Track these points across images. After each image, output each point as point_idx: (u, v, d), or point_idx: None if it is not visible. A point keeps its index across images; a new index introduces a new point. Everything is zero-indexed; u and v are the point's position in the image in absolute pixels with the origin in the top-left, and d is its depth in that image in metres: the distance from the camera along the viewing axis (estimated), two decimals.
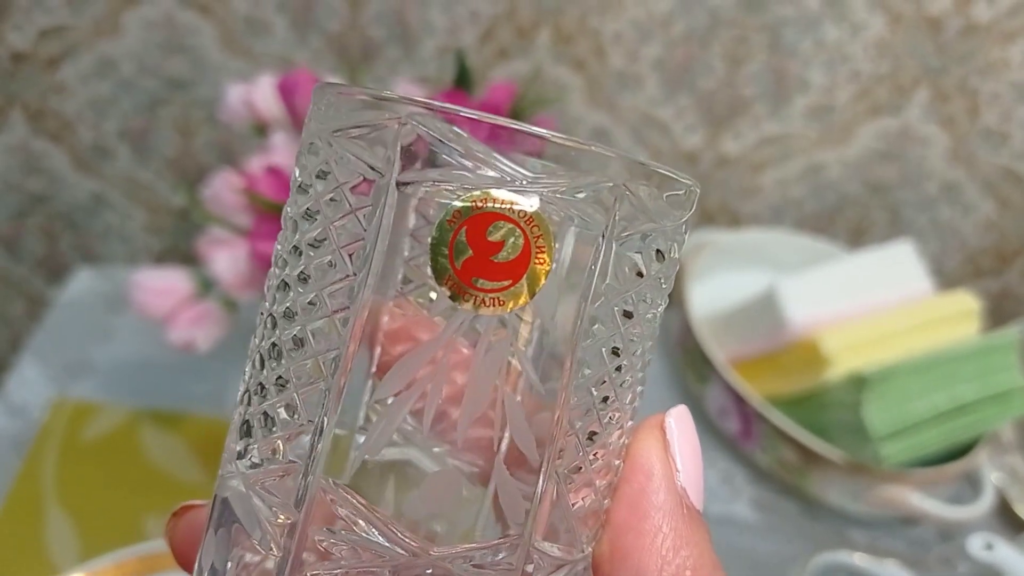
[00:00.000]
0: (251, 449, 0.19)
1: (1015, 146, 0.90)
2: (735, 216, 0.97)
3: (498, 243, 0.16)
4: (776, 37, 0.83)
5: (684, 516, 0.19)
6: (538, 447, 0.17)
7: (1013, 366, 0.75)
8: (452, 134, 0.16)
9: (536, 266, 0.16)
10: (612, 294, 0.16)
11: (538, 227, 0.16)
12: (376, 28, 0.84)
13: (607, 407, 0.17)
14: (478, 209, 0.16)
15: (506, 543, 0.17)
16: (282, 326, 0.18)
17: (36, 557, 0.67)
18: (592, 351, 0.17)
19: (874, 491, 0.72)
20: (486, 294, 0.16)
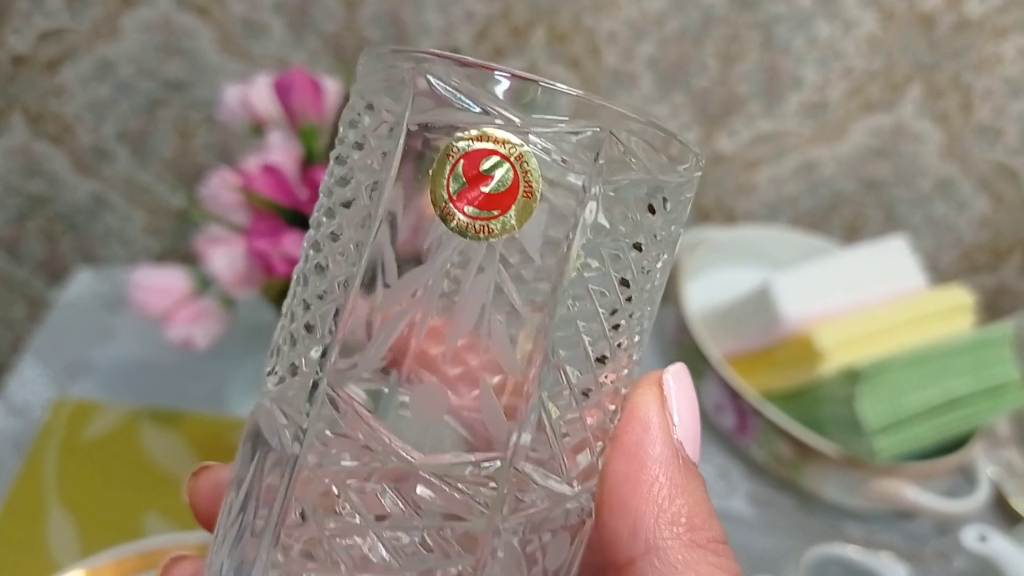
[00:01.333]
0: (277, 368, 0.21)
1: (1009, 142, 0.90)
2: (730, 213, 0.97)
3: (489, 176, 0.17)
4: (769, 35, 0.84)
5: (680, 467, 0.19)
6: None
7: (1007, 360, 0.75)
8: (459, 81, 0.18)
9: (524, 199, 0.17)
10: (600, 233, 0.18)
11: (527, 163, 0.17)
12: (372, 29, 0.85)
13: (594, 345, 0.18)
14: (474, 144, 0.17)
15: (493, 458, 0.18)
16: (310, 257, 0.20)
17: (37, 554, 0.67)
18: (579, 286, 0.18)
19: (869, 485, 0.73)
20: (476, 221, 0.17)
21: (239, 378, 0.82)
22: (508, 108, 0.17)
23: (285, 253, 0.61)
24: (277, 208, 0.63)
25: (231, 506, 0.21)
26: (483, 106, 0.17)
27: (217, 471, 0.24)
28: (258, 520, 0.19)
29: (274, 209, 0.63)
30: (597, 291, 0.18)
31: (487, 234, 0.17)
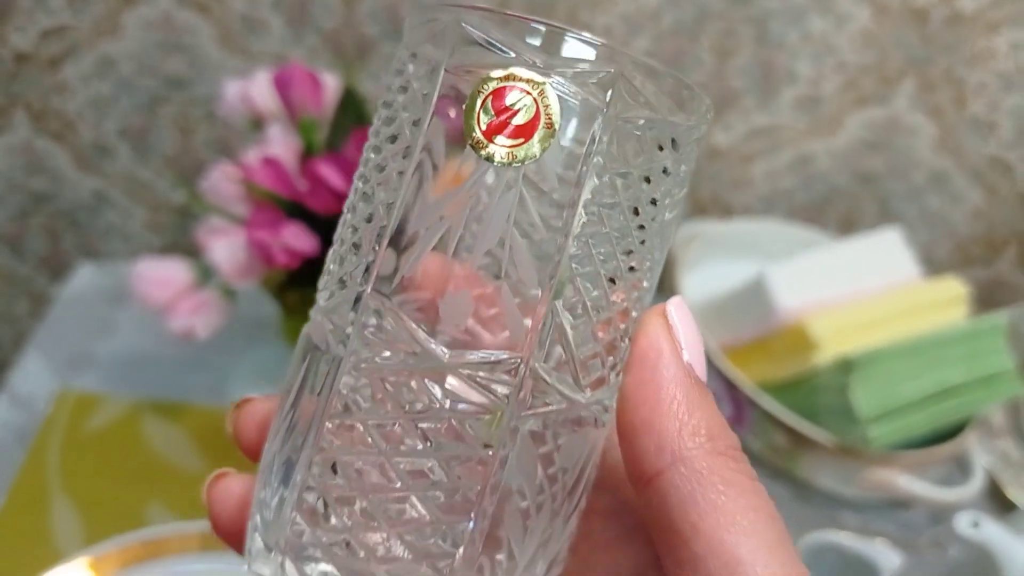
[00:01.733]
0: (326, 287, 0.23)
1: (1003, 135, 0.91)
2: (727, 207, 0.98)
3: (514, 110, 0.20)
4: (763, 30, 0.85)
5: (693, 385, 0.21)
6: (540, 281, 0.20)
7: (1001, 350, 0.76)
8: (493, 29, 0.20)
9: (544, 130, 0.19)
10: (612, 163, 0.20)
11: (547, 99, 0.19)
12: (370, 25, 0.86)
13: (605, 265, 0.20)
14: (502, 82, 0.20)
15: (511, 357, 0.20)
16: (359, 188, 0.23)
17: (42, 543, 0.68)
18: (592, 209, 0.20)
19: (863, 473, 0.74)
20: (503, 148, 0.20)
21: (240, 370, 0.83)
22: (535, 52, 0.20)
23: (285, 244, 0.62)
24: (277, 200, 0.64)
25: (283, 407, 0.23)
26: (513, 50, 0.20)
27: (258, 404, 0.27)
28: (306, 412, 0.22)
29: (274, 201, 0.64)
30: (609, 215, 0.20)
31: (512, 160, 0.19)
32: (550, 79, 0.20)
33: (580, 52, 0.20)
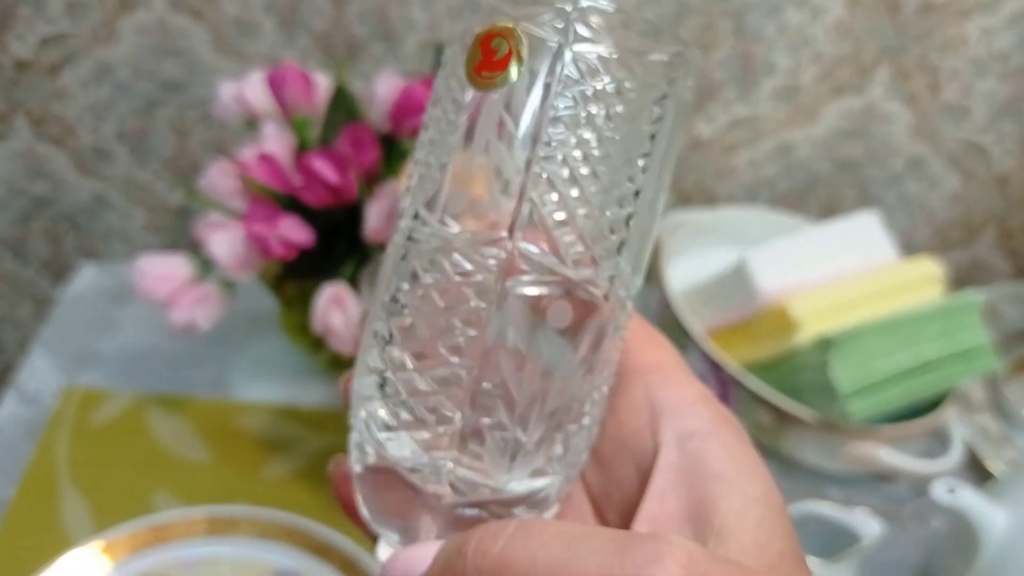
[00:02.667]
0: (408, 209, 0.26)
1: (976, 120, 0.94)
2: (711, 196, 1.01)
3: (493, 48, 0.24)
4: (741, 23, 0.87)
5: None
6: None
7: (976, 326, 0.78)
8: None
9: (516, 63, 0.24)
10: (571, 84, 0.24)
11: (519, 40, 0.24)
12: (360, 26, 0.89)
13: (573, 166, 0.24)
14: (488, 32, 0.24)
15: (499, 233, 0.24)
16: (423, 136, 0.27)
17: (53, 533, 0.70)
18: (560, 118, 0.24)
19: (845, 447, 0.76)
20: (487, 79, 0.24)
21: (241, 364, 0.85)
22: (514, 9, 0.24)
23: (282, 236, 0.64)
24: (273, 194, 0.66)
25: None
26: (500, 10, 0.24)
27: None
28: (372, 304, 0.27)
29: (270, 195, 0.66)
30: (574, 121, 0.24)
31: (492, 85, 0.24)
32: (519, 25, 0.23)
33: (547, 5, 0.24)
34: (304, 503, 0.73)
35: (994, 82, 0.91)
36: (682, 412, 0.26)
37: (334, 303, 0.65)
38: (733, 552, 0.23)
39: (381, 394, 0.25)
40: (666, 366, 0.28)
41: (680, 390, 0.27)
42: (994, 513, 0.66)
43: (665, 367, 0.28)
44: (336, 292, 0.65)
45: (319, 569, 0.68)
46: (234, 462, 0.77)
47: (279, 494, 0.74)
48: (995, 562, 0.66)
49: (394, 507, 0.26)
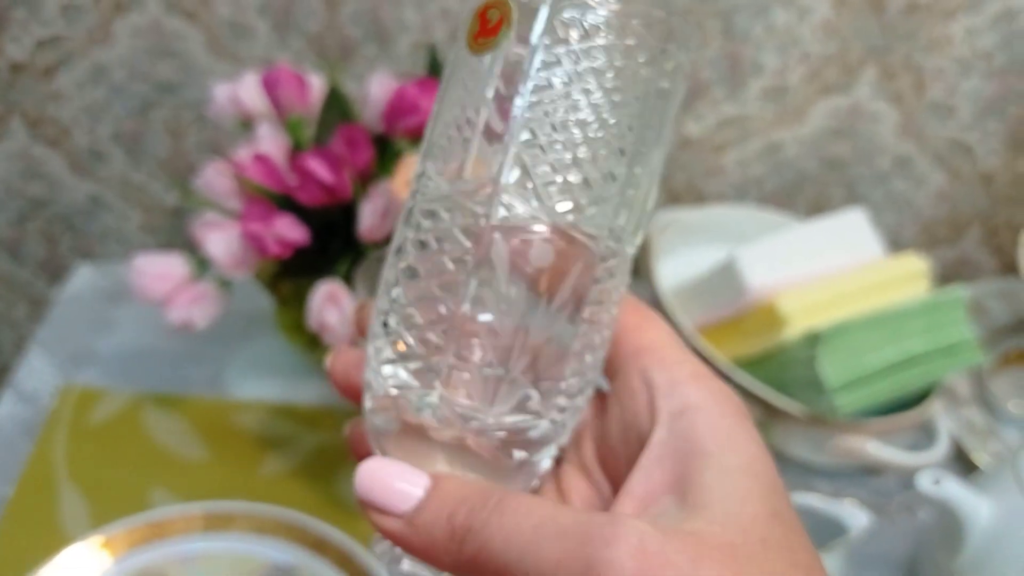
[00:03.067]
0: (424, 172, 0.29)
1: (962, 118, 0.95)
2: (700, 195, 1.02)
3: (488, 19, 0.26)
4: (729, 23, 0.89)
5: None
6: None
7: (961, 321, 0.79)
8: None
9: (505, 29, 0.26)
10: (557, 43, 0.26)
11: (509, 10, 0.26)
12: (353, 27, 0.90)
13: (555, 122, 0.26)
14: (483, 4, 0.27)
15: (481, 184, 0.26)
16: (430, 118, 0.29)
17: (51, 530, 0.71)
18: (542, 77, 0.26)
19: (833, 441, 0.77)
20: (482, 44, 0.26)
21: (237, 363, 0.86)
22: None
23: (277, 234, 0.65)
24: (268, 194, 0.67)
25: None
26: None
27: (347, 351, 0.32)
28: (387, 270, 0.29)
29: (266, 195, 0.67)
30: (556, 78, 0.26)
31: (487, 48, 0.26)
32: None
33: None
34: (301, 499, 0.74)
35: (979, 81, 0.92)
36: (674, 391, 0.28)
37: (329, 300, 0.66)
38: (704, 524, 0.25)
39: (384, 331, 0.27)
40: (660, 347, 0.29)
41: (673, 370, 0.29)
42: (979, 504, 0.67)
43: (659, 348, 0.29)
44: (331, 289, 0.66)
45: (315, 564, 0.69)
46: (231, 460, 0.78)
47: (276, 491, 0.75)
48: (980, 552, 0.68)
49: (404, 452, 0.28)
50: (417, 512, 0.26)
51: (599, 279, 0.27)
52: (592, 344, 0.28)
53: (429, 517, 0.26)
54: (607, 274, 0.27)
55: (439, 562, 0.26)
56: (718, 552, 0.24)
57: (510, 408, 0.27)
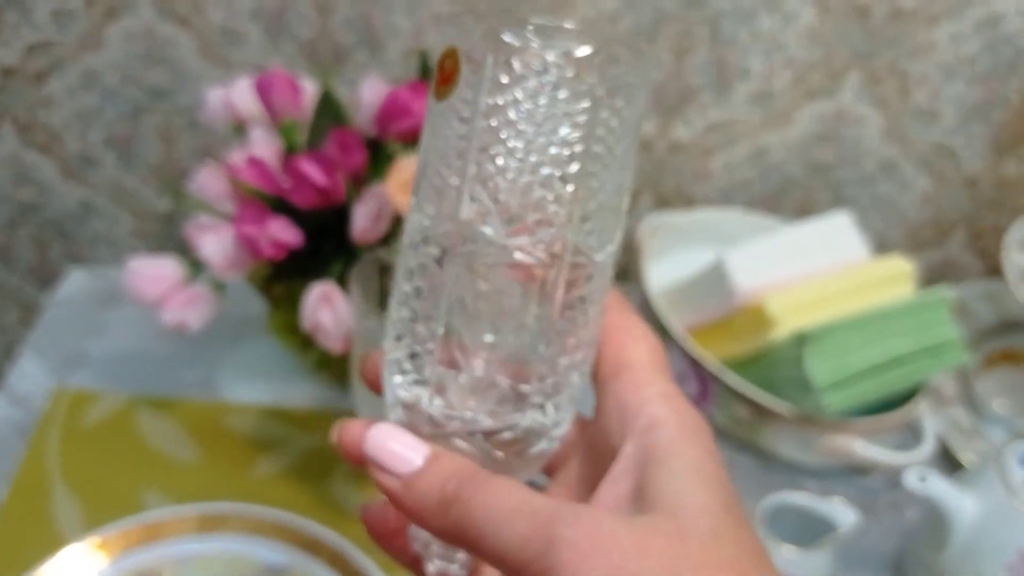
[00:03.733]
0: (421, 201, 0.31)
1: (945, 123, 0.96)
2: (689, 199, 1.03)
3: (444, 67, 0.29)
4: (716, 29, 0.90)
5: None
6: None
7: (945, 321, 0.81)
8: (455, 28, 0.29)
9: (457, 76, 0.28)
10: (499, 88, 0.28)
11: (456, 58, 0.28)
12: (345, 34, 0.90)
13: (519, 141, 0.28)
14: (442, 54, 0.29)
15: (448, 216, 0.29)
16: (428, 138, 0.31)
17: (45, 532, 0.72)
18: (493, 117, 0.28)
19: (821, 440, 0.78)
20: (442, 91, 0.29)
21: (229, 365, 0.86)
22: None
23: (271, 236, 0.66)
24: (262, 196, 0.68)
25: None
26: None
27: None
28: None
29: (259, 197, 0.68)
30: (497, 121, 0.28)
31: (445, 96, 0.28)
32: (459, 47, 0.28)
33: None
34: (293, 501, 0.75)
35: (962, 86, 0.94)
36: (642, 411, 0.30)
37: (323, 301, 0.67)
38: (656, 516, 0.28)
39: (390, 346, 0.31)
40: (637, 368, 0.32)
41: (642, 391, 0.31)
42: (964, 501, 0.68)
43: (636, 369, 0.32)
44: (325, 290, 0.67)
45: (308, 564, 0.69)
46: (224, 462, 0.78)
47: (268, 493, 0.75)
48: (965, 548, 0.69)
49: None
50: (415, 476, 0.30)
51: (565, 290, 0.29)
52: (565, 348, 0.30)
53: (424, 483, 0.30)
54: (575, 285, 0.29)
55: (426, 523, 0.30)
56: (666, 537, 0.27)
57: (486, 411, 0.30)
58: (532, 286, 0.29)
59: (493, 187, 0.28)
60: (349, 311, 0.67)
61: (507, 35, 0.27)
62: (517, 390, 0.30)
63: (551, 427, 0.31)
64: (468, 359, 0.30)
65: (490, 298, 0.29)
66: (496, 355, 0.30)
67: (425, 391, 0.30)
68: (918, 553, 0.74)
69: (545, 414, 0.31)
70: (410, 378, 0.30)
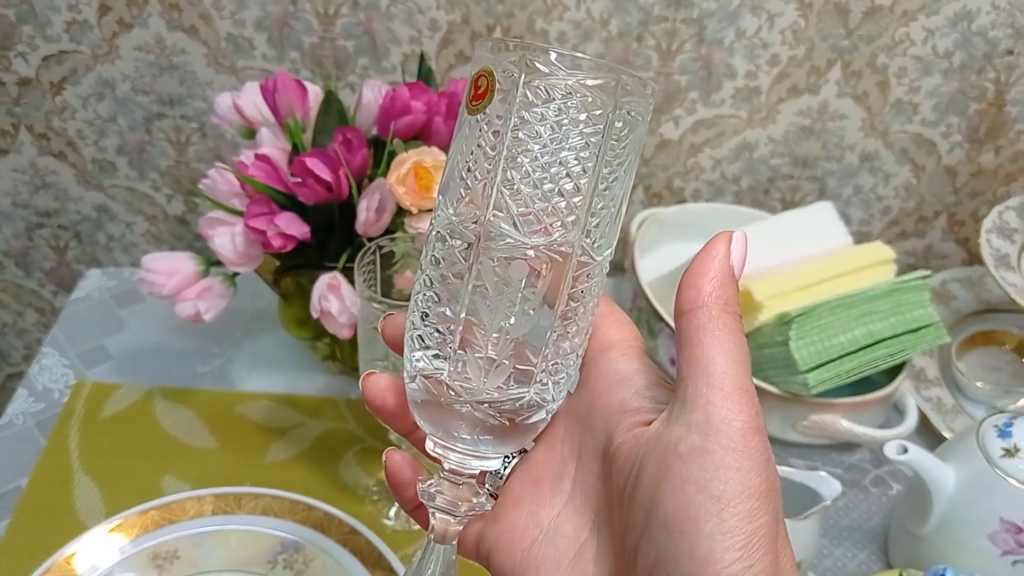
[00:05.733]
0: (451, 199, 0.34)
1: (924, 114, 1.00)
2: (679, 194, 1.07)
3: (478, 85, 0.32)
4: (702, 29, 0.94)
5: (729, 276, 0.33)
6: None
7: (925, 303, 0.84)
8: (489, 51, 0.33)
9: (491, 92, 0.32)
10: (526, 105, 0.32)
11: (493, 77, 0.32)
12: (346, 40, 0.94)
13: (531, 162, 0.32)
14: (476, 73, 0.33)
15: (472, 215, 0.33)
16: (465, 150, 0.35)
17: (66, 518, 0.75)
18: (516, 132, 0.32)
19: (808, 419, 0.82)
20: (476, 106, 0.33)
21: (241, 358, 0.90)
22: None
23: (279, 229, 0.70)
24: (270, 192, 0.72)
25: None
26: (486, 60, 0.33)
27: (379, 377, 0.38)
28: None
29: (268, 192, 0.72)
30: (528, 132, 0.32)
31: (479, 110, 0.32)
32: (496, 68, 0.32)
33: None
34: (304, 484, 0.78)
35: (939, 79, 0.98)
36: (634, 378, 0.34)
37: (330, 289, 0.71)
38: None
39: (413, 326, 0.35)
40: (625, 345, 0.36)
41: (632, 362, 0.35)
42: (945, 471, 0.71)
43: (624, 346, 0.36)
44: (332, 279, 0.71)
45: (320, 540, 0.73)
46: (238, 448, 0.82)
47: (281, 476, 0.79)
48: (948, 519, 0.72)
49: (431, 419, 0.35)
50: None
51: (571, 284, 0.34)
52: (567, 334, 0.34)
53: None
54: (578, 280, 0.33)
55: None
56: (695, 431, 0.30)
57: (497, 386, 0.33)
58: (544, 280, 0.33)
59: (516, 191, 0.32)
60: (354, 300, 0.71)
61: (538, 62, 0.31)
62: (524, 369, 0.33)
63: (550, 401, 0.35)
64: (484, 340, 0.33)
65: (507, 288, 0.33)
66: (509, 338, 0.33)
67: (445, 365, 0.33)
68: (903, 525, 0.77)
69: (546, 390, 0.34)
70: (431, 352, 0.34)
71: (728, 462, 0.28)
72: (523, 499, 0.36)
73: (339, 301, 0.70)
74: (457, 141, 0.34)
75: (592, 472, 0.35)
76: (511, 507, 0.36)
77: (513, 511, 0.35)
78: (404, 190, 0.70)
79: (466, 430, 0.34)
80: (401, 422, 0.37)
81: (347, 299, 0.71)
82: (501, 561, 0.35)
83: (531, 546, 0.34)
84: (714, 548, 0.28)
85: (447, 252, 0.33)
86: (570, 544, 0.34)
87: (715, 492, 0.28)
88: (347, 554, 0.72)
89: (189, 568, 0.71)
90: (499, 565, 0.35)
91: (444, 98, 0.76)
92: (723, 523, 0.28)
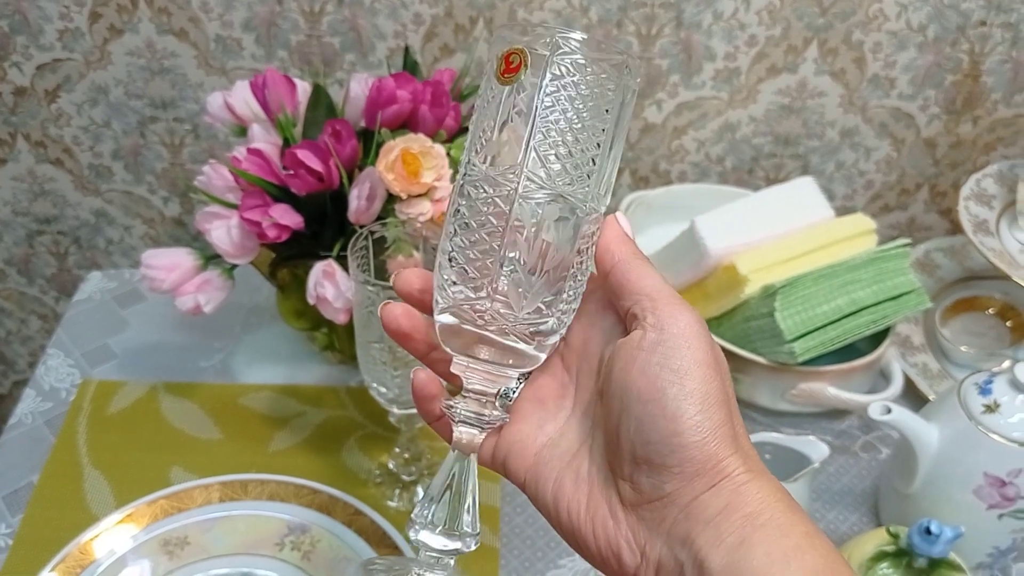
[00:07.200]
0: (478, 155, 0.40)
1: (901, 88, 1.02)
2: (665, 176, 1.09)
3: (510, 60, 0.38)
4: (680, 13, 0.96)
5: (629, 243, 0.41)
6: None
7: (906, 271, 0.86)
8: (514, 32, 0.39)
9: (524, 67, 0.38)
10: (555, 78, 0.38)
11: (524, 55, 0.38)
12: (333, 37, 0.97)
13: (561, 134, 0.38)
14: (508, 50, 0.38)
15: (511, 168, 0.38)
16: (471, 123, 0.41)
17: (77, 510, 0.77)
18: (545, 106, 0.38)
19: (797, 387, 0.84)
20: (509, 77, 0.38)
21: (242, 351, 0.92)
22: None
23: (274, 220, 0.72)
24: (264, 184, 0.74)
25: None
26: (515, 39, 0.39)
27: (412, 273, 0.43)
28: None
29: (261, 185, 0.74)
30: (556, 101, 0.37)
31: (512, 81, 0.38)
32: (527, 46, 0.38)
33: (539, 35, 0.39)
34: (308, 470, 0.80)
35: (914, 52, 1.00)
36: (641, 287, 0.39)
37: (325, 276, 0.73)
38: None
39: (449, 264, 0.39)
40: (629, 257, 0.41)
41: (639, 273, 0.40)
42: (929, 429, 0.73)
43: (629, 258, 0.41)
44: (327, 267, 0.73)
45: (326, 521, 0.75)
46: (242, 438, 0.84)
47: (285, 464, 0.81)
48: (934, 476, 0.74)
49: (458, 340, 0.40)
50: None
51: (584, 227, 0.39)
52: (583, 270, 0.40)
53: None
54: (589, 227, 0.39)
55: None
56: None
57: (530, 311, 0.39)
58: (567, 227, 0.38)
59: (546, 148, 0.37)
60: (349, 285, 0.73)
61: (565, 42, 0.37)
62: (546, 300, 0.39)
63: (561, 327, 0.40)
64: (512, 278, 0.38)
65: (534, 235, 0.38)
66: (533, 276, 0.38)
67: (484, 295, 0.38)
68: (891, 486, 0.79)
69: (564, 316, 0.40)
70: (470, 286, 0.39)
71: (680, 344, 0.36)
72: (531, 415, 0.42)
73: (334, 287, 0.72)
74: (487, 107, 0.39)
75: (588, 390, 0.41)
76: (521, 421, 0.42)
77: (523, 423, 0.42)
78: (393, 177, 0.72)
79: (491, 354, 0.39)
80: (414, 344, 0.42)
81: (342, 285, 0.73)
82: (516, 464, 0.41)
83: (540, 450, 0.41)
84: (680, 406, 0.35)
85: (486, 199, 0.38)
86: (571, 446, 0.41)
87: (674, 366, 0.36)
88: (352, 534, 0.74)
89: (200, 553, 0.74)
90: (514, 468, 0.41)
91: (429, 87, 0.78)
92: (683, 388, 0.36)
